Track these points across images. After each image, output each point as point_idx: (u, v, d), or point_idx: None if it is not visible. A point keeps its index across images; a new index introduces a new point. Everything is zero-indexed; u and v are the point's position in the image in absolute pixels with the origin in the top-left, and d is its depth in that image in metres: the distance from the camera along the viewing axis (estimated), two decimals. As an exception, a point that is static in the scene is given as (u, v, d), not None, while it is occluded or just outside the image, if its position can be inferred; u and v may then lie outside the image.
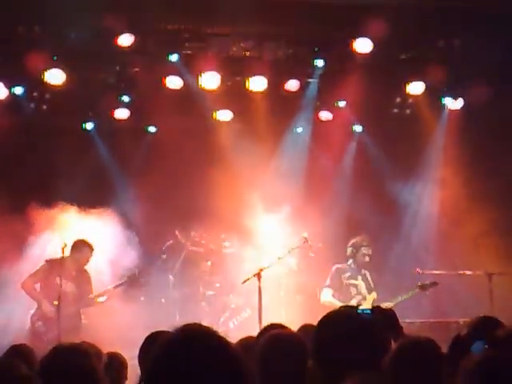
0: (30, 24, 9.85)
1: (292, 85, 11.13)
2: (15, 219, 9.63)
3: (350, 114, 11.72)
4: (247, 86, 10.92)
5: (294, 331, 4.12)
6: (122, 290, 9.48)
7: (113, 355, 5.26)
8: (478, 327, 3.61)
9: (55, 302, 8.68)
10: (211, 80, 10.67)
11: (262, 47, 10.65)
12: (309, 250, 9.87)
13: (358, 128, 12.09)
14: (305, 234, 9.64)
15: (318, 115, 11.84)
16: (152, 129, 11.90)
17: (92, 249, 9.33)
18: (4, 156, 10.61)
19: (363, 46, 10.27)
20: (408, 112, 11.80)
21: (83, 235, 9.64)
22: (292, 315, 9.43)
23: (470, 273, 9.52)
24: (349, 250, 9.66)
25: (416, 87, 11.11)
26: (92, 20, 9.67)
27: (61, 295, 8.66)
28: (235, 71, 10.97)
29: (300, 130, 12.05)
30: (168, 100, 10.80)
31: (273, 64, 10.74)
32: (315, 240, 9.91)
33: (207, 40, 10.49)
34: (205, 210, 10.43)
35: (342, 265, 9.66)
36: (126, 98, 11.20)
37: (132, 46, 10.07)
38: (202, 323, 2.14)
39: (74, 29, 9.91)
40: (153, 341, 4.35)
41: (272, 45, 10.66)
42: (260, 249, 10.19)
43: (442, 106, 11.53)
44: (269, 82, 10.89)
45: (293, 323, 4.79)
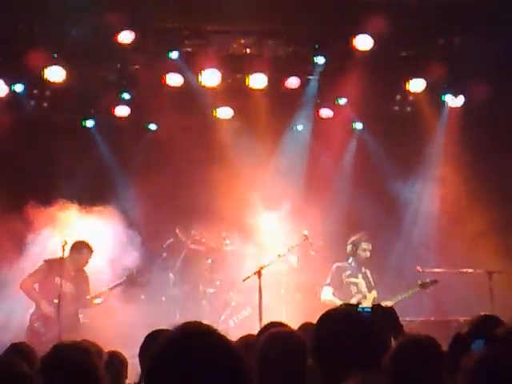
0: (30, 21, 9.85)
1: (292, 82, 11.12)
2: (15, 217, 9.64)
3: (350, 111, 11.71)
4: (247, 83, 10.92)
5: (294, 329, 4.11)
6: (121, 290, 9.47)
7: (113, 354, 5.27)
8: (478, 325, 3.61)
9: (55, 300, 8.68)
10: (211, 77, 10.67)
11: (262, 44, 10.64)
12: (309, 247, 9.86)
13: (359, 125, 12.08)
14: (305, 232, 9.64)
15: (318, 112, 11.83)
16: (152, 126, 11.89)
17: (91, 250, 9.31)
18: (4, 154, 10.60)
19: (363, 43, 10.25)
20: (408, 109, 11.78)
21: (83, 233, 9.63)
22: (292, 313, 9.43)
23: (470, 271, 9.51)
24: (349, 248, 9.65)
25: (416, 84, 11.09)
26: (92, 17, 9.67)
27: (60, 295, 8.65)
28: (235, 69, 10.96)
29: (300, 127, 12.04)
30: (168, 97, 10.81)
31: (273, 61, 10.74)
32: (315, 238, 9.92)
33: (207, 37, 10.49)
34: (205, 208, 10.43)
35: (343, 263, 9.65)
36: (126, 96, 11.19)
37: (132, 43, 10.07)
38: (203, 321, 2.12)
39: (75, 26, 9.91)
40: (153, 339, 4.34)
41: (272, 42, 10.65)
42: (260, 247, 10.19)
43: (443, 103, 11.52)
44: (269, 80, 10.88)
45: (293, 321, 4.79)
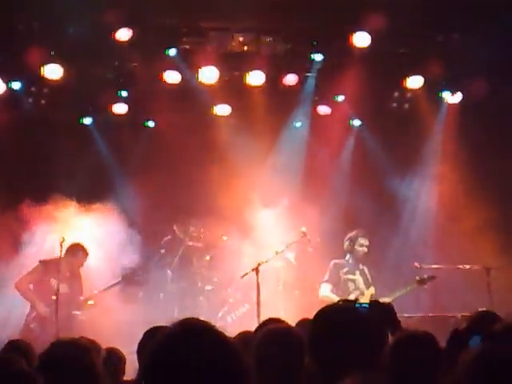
0: (27, 19, 9.83)
1: (290, 79, 11.11)
2: (13, 214, 9.64)
3: (348, 108, 11.70)
4: (245, 80, 10.91)
5: (292, 326, 4.12)
6: (119, 288, 9.47)
7: (111, 350, 5.28)
8: (476, 322, 3.62)
9: (54, 297, 8.66)
10: (209, 75, 10.66)
11: (260, 42, 10.62)
12: (307, 244, 9.88)
13: (357, 122, 12.07)
14: (303, 229, 9.65)
15: (316, 110, 11.81)
16: (150, 123, 11.87)
17: (86, 253, 9.34)
18: (2, 151, 10.58)
19: (362, 40, 10.24)
20: (406, 106, 11.76)
21: (81, 231, 9.64)
22: (290, 310, 9.43)
23: (468, 267, 9.52)
24: (346, 244, 9.65)
25: (414, 81, 11.09)
26: (90, 15, 9.65)
27: (56, 295, 8.62)
28: (233, 66, 10.94)
29: (298, 124, 12.02)
30: (166, 95, 10.80)
31: (271, 59, 10.73)
32: (313, 235, 9.92)
33: (205, 35, 10.47)
34: (203, 205, 10.44)
35: (340, 260, 9.66)
36: (124, 93, 11.17)
37: (130, 40, 10.06)
38: (200, 318, 2.13)
39: (72, 24, 9.89)
40: (151, 336, 4.34)
41: (270, 39, 10.64)
42: (258, 243, 10.18)
43: (441, 100, 11.51)
44: (267, 77, 10.87)
45: (291, 318, 4.80)
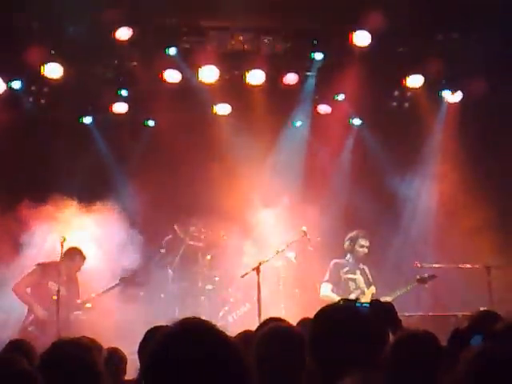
0: (27, 18, 9.82)
1: (290, 78, 11.10)
2: (13, 214, 9.62)
3: (348, 107, 11.69)
4: (245, 79, 10.90)
5: (293, 325, 4.11)
6: (119, 289, 9.46)
7: (112, 350, 5.28)
8: (477, 321, 3.61)
9: (54, 297, 8.65)
10: (209, 74, 10.65)
11: (260, 41, 10.63)
12: (308, 243, 9.87)
13: (357, 121, 12.06)
14: (304, 228, 9.65)
15: (316, 109, 11.81)
16: (151, 123, 11.86)
17: (84, 257, 9.35)
18: (1, 150, 10.58)
19: (362, 39, 10.24)
20: (406, 105, 11.76)
21: (82, 230, 9.63)
22: (291, 309, 9.42)
23: (468, 266, 9.53)
24: (346, 244, 9.65)
25: (415, 80, 11.08)
26: (90, 14, 9.64)
27: (57, 297, 8.61)
28: (233, 65, 10.94)
29: (298, 123, 12.02)
30: (166, 94, 10.80)
31: (271, 58, 10.74)
32: (314, 234, 9.92)
33: (205, 34, 10.47)
34: (204, 205, 10.44)
35: (340, 260, 9.66)
36: (124, 92, 11.16)
37: (130, 39, 10.06)
38: (201, 317, 2.13)
39: (72, 23, 9.89)
40: (152, 336, 4.33)
41: (270, 38, 10.64)
42: (259, 243, 10.18)
43: (441, 99, 11.51)
44: (267, 76, 10.87)
45: (292, 317, 4.79)
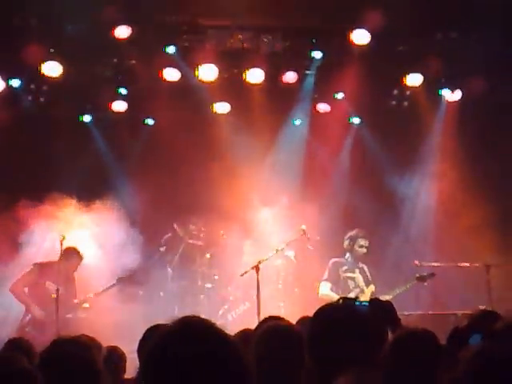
0: (26, 16, 9.81)
1: (289, 77, 11.10)
2: (12, 213, 9.62)
3: (347, 106, 11.70)
4: (245, 78, 10.90)
5: (292, 323, 4.11)
6: (118, 288, 9.46)
7: (112, 349, 5.28)
8: (477, 320, 3.61)
9: (53, 296, 8.65)
10: (209, 72, 10.64)
11: (260, 39, 10.62)
12: (307, 242, 9.87)
13: (356, 120, 12.06)
14: (303, 227, 9.65)
15: (315, 107, 11.81)
16: (150, 121, 11.86)
17: (81, 257, 9.36)
18: (0, 149, 10.57)
19: (361, 37, 10.23)
20: (406, 104, 11.76)
21: (81, 229, 9.63)
22: (290, 308, 9.44)
23: (467, 265, 9.53)
24: (346, 243, 9.66)
25: (414, 79, 11.07)
26: (89, 12, 9.63)
27: (56, 296, 8.61)
28: (233, 64, 10.93)
29: (298, 122, 12.02)
30: (166, 92, 10.80)
31: (270, 56, 10.73)
32: (313, 233, 9.92)
33: (205, 32, 10.47)
34: (203, 203, 10.44)
35: (340, 258, 9.66)
36: (123, 91, 11.16)
37: (129, 38, 10.04)
38: (201, 316, 2.12)
39: (71, 21, 9.88)
40: (152, 334, 4.33)
41: (269, 37, 10.63)
42: (258, 241, 10.19)
43: (440, 98, 11.50)
44: (266, 75, 10.85)
45: (291, 316, 4.78)
